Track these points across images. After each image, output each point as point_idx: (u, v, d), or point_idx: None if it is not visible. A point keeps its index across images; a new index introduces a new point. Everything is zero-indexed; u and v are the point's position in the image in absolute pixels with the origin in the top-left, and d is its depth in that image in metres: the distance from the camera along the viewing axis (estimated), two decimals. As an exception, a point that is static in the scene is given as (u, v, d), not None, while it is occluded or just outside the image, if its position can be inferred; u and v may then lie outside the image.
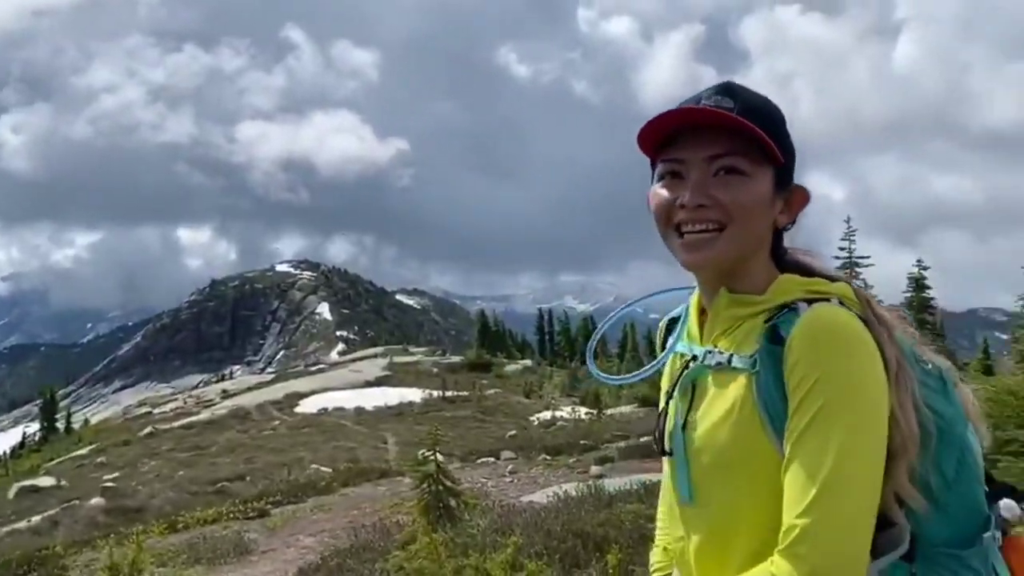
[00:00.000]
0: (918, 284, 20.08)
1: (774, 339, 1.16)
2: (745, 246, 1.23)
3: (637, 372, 1.42)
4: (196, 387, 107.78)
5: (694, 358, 1.29)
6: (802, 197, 1.29)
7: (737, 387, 1.18)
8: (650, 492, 7.36)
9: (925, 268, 20.54)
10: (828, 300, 1.18)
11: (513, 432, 26.36)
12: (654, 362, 1.38)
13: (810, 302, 1.18)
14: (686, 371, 1.29)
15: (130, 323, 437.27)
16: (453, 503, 6.38)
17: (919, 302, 19.01)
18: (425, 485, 6.49)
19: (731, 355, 1.21)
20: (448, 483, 6.49)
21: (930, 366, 1.22)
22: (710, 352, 1.25)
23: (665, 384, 1.37)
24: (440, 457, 6.52)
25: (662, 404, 1.35)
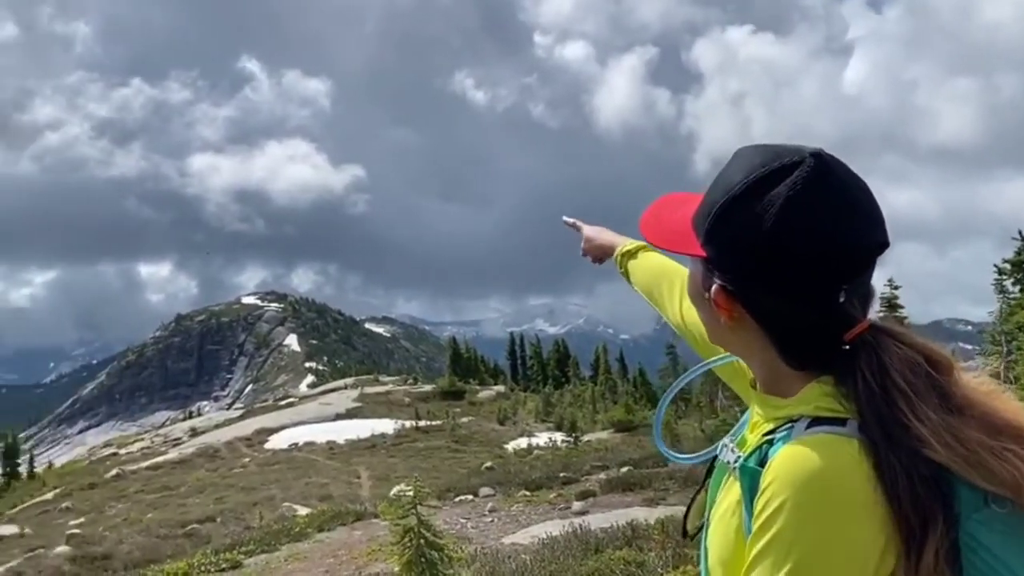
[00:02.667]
0: (890, 304, 20.26)
1: (761, 459, 1.06)
2: (710, 334, 1.20)
3: (706, 451, 1.31)
4: (163, 425, 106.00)
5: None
6: (717, 296, 1.10)
7: (737, 491, 1.10)
8: (638, 535, 7.19)
9: (896, 287, 20.75)
10: (843, 423, 1.02)
11: (489, 464, 26.13)
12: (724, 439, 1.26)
13: (820, 421, 1.03)
14: (715, 463, 1.21)
15: (94, 361, 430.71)
16: (436, 556, 6.14)
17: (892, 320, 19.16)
18: (407, 539, 6.24)
19: (739, 457, 1.12)
20: (430, 536, 6.24)
21: (1007, 508, 0.98)
22: (726, 446, 1.18)
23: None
24: (421, 509, 6.27)
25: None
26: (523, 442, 33.90)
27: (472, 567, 6.88)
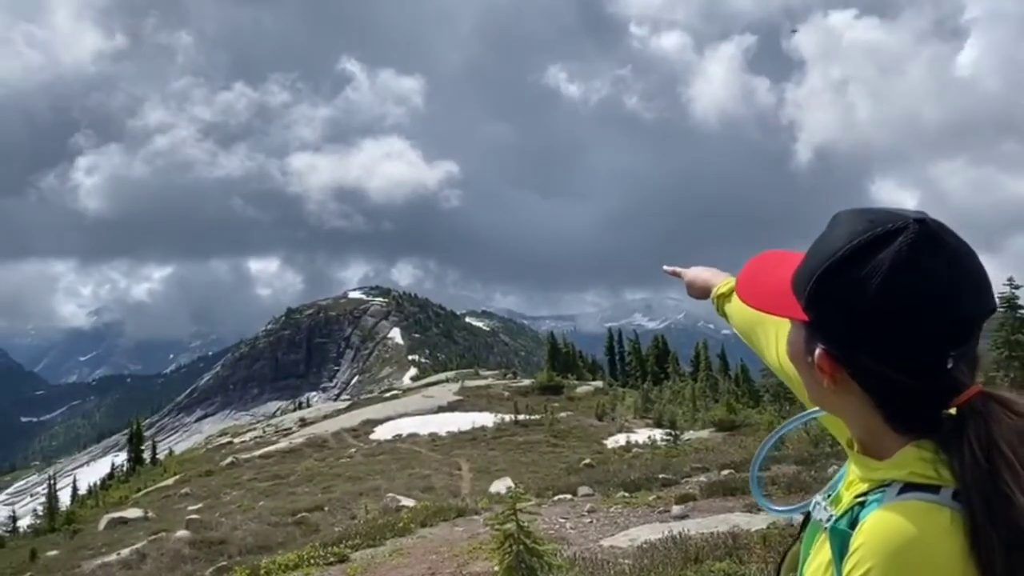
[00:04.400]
0: (1010, 304, 19.21)
1: (852, 520, 1.08)
2: (810, 394, 1.21)
3: (801, 504, 1.32)
4: (274, 414, 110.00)
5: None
6: (821, 361, 1.11)
7: (828, 550, 1.12)
8: (739, 545, 7.09)
9: (1017, 287, 19.64)
10: (936, 491, 1.03)
11: (588, 460, 26.07)
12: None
13: (913, 487, 1.04)
14: (810, 518, 1.23)
15: (209, 353, 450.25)
16: (536, 563, 6.23)
17: (1013, 322, 18.15)
18: (507, 545, 6.36)
19: (831, 517, 1.14)
20: (530, 543, 6.34)
21: None
22: (819, 504, 1.21)
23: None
24: (521, 515, 6.38)
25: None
26: (621, 439, 33.66)
27: (571, 573, 6.95)
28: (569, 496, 14.42)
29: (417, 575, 9.17)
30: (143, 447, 61.12)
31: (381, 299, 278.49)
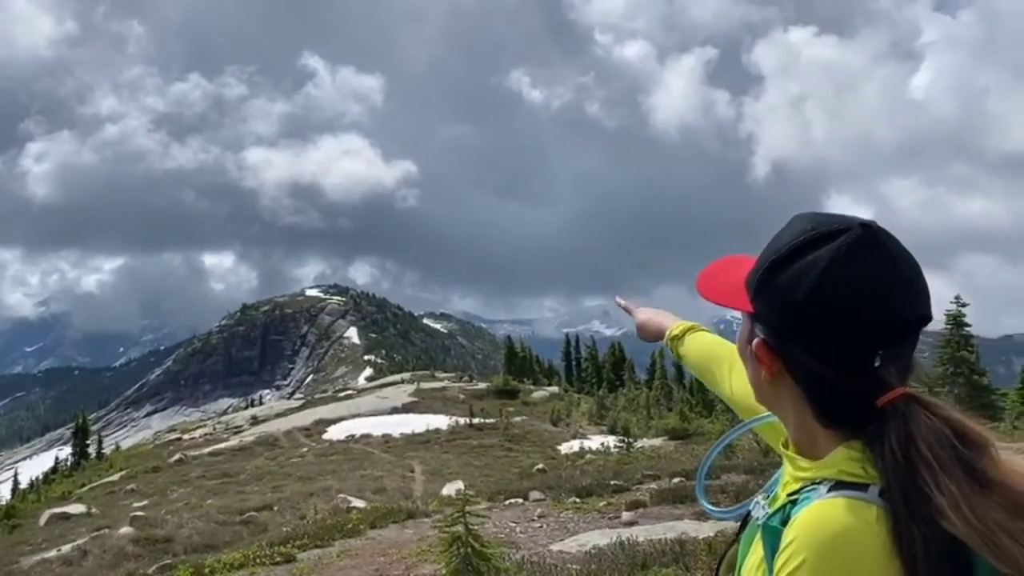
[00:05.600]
0: (956, 321, 19.68)
1: (784, 518, 1.11)
2: (753, 390, 1.25)
3: (741, 506, 1.33)
4: (226, 411, 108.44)
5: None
6: (758, 350, 1.17)
7: (762, 548, 1.15)
8: (686, 552, 7.16)
9: (963, 305, 20.14)
10: (864, 489, 1.06)
11: (541, 465, 26.13)
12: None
13: (842, 485, 1.08)
14: (748, 520, 1.26)
15: (161, 347, 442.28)
16: (483, 566, 6.21)
17: (959, 339, 18.59)
18: (454, 547, 6.33)
19: (767, 514, 1.17)
20: (478, 545, 6.32)
21: None
22: (758, 503, 1.22)
23: None
24: (470, 517, 6.36)
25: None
26: (575, 444, 33.79)
27: (517, 578, 6.96)
28: (520, 500, 14.43)
29: (364, 576, 9.10)
30: (88, 441, 59.92)
31: (339, 298, 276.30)
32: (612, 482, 15.01)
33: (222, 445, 41.90)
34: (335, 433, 42.00)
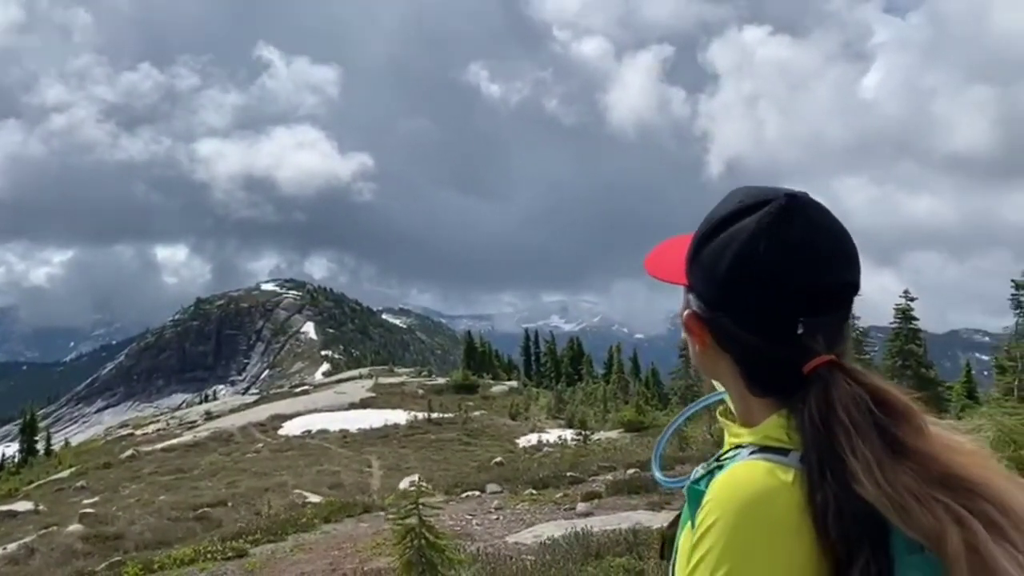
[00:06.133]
0: (905, 315, 20.11)
1: (709, 481, 1.12)
2: (695, 362, 1.25)
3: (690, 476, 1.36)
4: (179, 407, 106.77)
5: None
6: (688, 321, 1.19)
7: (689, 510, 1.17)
8: (639, 541, 7.21)
9: (912, 299, 20.59)
10: (785, 453, 1.08)
11: (499, 459, 26.17)
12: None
13: (764, 449, 1.10)
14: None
15: (113, 342, 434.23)
16: (436, 558, 6.19)
17: (907, 333, 19.02)
18: (408, 539, 6.30)
19: (694, 478, 1.19)
20: (431, 537, 6.30)
21: (927, 552, 1.00)
22: (697, 471, 1.21)
23: None
24: (424, 509, 6.34)
25: None
26: (533, 438, 33.87)
27: (472, 568, 6.94)
28: (477, 493, 14.44)
29: (318, 571, 9.02)
30: (37, 438, 58.63)
31: (295, 292, 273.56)
32: (568, 474, 15.08)
33: (175, 441, 41.35)
34: (291, 429, 41.63)
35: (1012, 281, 17.30)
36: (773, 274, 1.10)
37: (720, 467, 1.14)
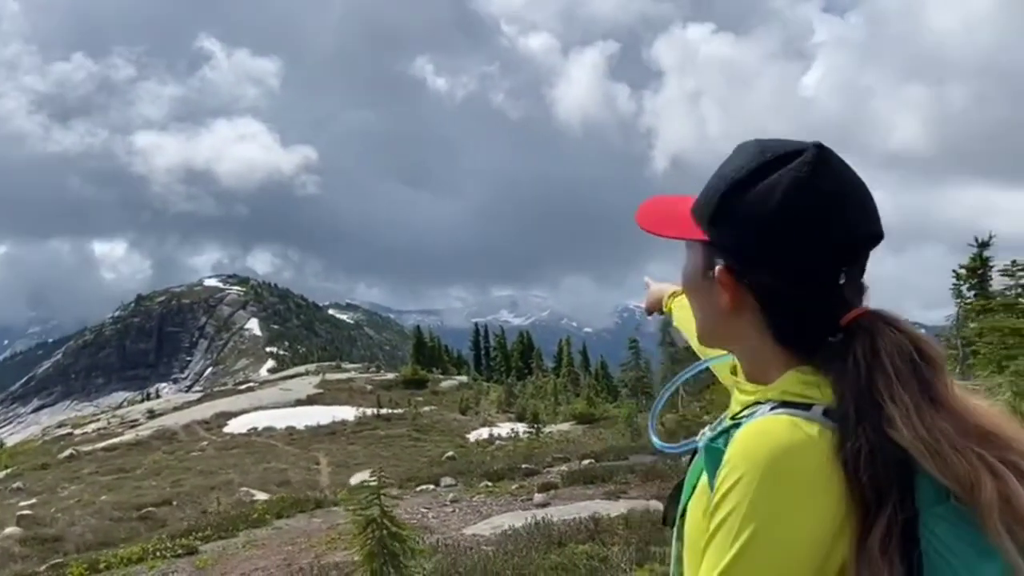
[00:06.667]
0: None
1: (727, 439, 1.08)
2: (703, 324, 1.22)
3: (693, 440, 1.29)
4: (120, 406, 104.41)
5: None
6: (721, 276, 1.13)
7: (705, 470, 1.13)
8: (601, 529, 7.20)
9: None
10: (807, 408, 1.05)
11: (451, 453, 26.11)
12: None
13: (785, 405, 1.06)
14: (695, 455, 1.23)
15: (49, 340, 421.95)
16: (398, 548, 6.09)
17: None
18: (369, 530, 6.18)
19: (710, 436, 1.16)
20: (393, 527, 6.19)
21: (952, 502, 1.00)
22: (705, 435, 1.20)
23: None
24: (385, 500, 6.23)
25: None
26: (484, 432, 33.90)
27: (434, 559, 6.86)
28: (432, 487, 14.35)
29: (272, 566, 8.83)
30: (-31, 439, 56.67)
31: (239, 288, 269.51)
32: (523, 466, 15.08)
33: (117, 440, 40.49)
34: (236, 426, 41.14)
35: (953, 271, 17.79)
36: (817, 223, 1.07)
37: (737, 425, 1.10)
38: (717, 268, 1.13)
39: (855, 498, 0.99)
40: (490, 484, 13.59)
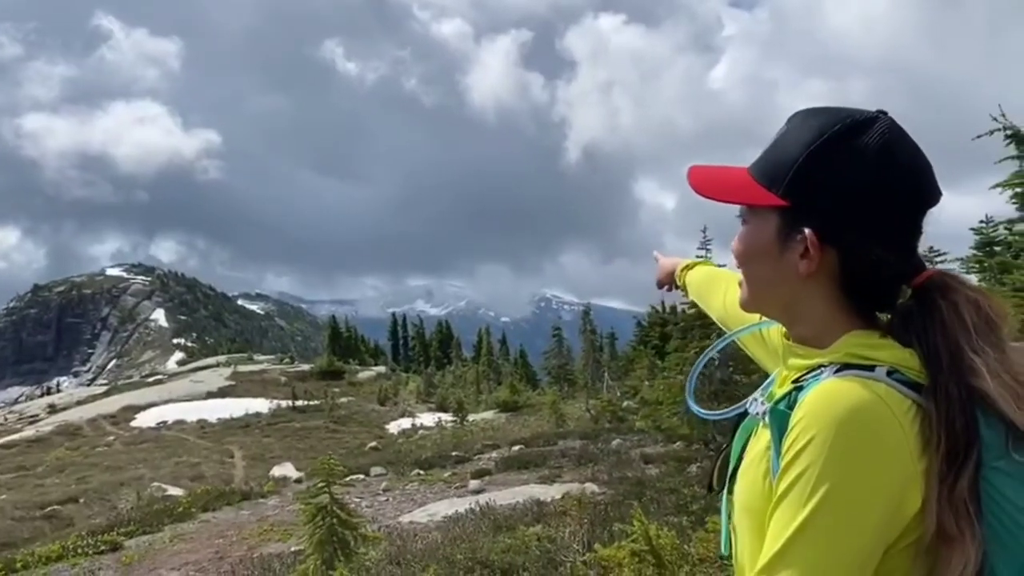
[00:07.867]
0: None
1: (791, 404, 1.11)
2: (763, 292, 1.22)
3: (736, 407, 1.32)
4: (16, 401, 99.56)
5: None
6: (811, 240, 1.13)
7: (766, 438, 1.14)
8: (546, 512, 7.22)
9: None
10: (871, 369, 1.07)
11: (373, 444, 25.81)
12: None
13: (849, 367, 1.08)
14: (746, 418, 1.25)
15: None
16: (349, 535, 5.95)
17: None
18: (318, 518, 6.02)
19: (767, 407, 1.17)
20: (344, 515, 6.05)
21: (1014, 456, 1.04)
22: (755, 400, 1.23)
23: None
24: (335, 490, 6.07)
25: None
26: (405, 423, 33.66)
27: (381, 546, 6.73)
28: (362, 476, 14.15)
29: (203, 560, 8.53)
30: None
31: (143, 278, 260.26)
32: (453, 454, 15.03)
33: (16, 436, 38.68)
34: (145, 420, 39.88)
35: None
36: (907, 188, 1.11)
37: (799, 388, 1.12)
38: (807, 232, 1.12)
39: (938, 450, 1.01)
40: (422, 472, 13.49)
